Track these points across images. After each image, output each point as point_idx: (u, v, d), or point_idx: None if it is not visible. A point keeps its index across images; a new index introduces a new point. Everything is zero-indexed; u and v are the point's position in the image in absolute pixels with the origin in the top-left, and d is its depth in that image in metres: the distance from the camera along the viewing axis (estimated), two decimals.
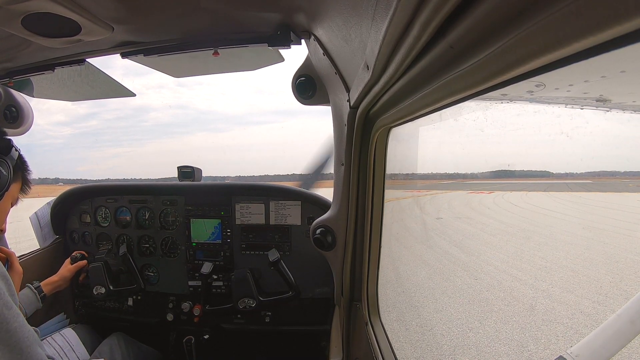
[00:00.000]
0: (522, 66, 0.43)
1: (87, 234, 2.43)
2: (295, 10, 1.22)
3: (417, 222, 11.17)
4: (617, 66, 0.60)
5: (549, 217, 12.95)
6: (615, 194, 17.75)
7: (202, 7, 1.18)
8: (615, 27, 0.30)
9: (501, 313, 4.89)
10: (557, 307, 4.96)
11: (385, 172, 1.46)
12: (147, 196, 2.36)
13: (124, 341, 2.05)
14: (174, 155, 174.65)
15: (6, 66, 1.60)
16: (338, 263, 1.71)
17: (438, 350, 4.12)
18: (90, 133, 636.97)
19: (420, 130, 1.74)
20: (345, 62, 1.19)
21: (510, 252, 7.94)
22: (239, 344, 2.44)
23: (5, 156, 1.31)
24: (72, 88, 1.97)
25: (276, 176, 47.95)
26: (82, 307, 2.40)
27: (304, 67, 1.62)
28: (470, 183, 26.06)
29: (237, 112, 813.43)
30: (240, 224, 2.27)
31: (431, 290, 5.91)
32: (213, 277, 2.24)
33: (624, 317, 1.19)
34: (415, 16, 0.52)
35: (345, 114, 1.40)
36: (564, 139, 12.25)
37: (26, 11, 1.04)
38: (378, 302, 1.68)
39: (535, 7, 0.38)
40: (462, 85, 0.59)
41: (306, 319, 2.24)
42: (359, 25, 0.83)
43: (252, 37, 1.39)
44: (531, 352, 4.00)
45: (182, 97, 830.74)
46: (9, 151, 1.33)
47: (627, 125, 2.36)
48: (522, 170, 25.67)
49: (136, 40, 1.43)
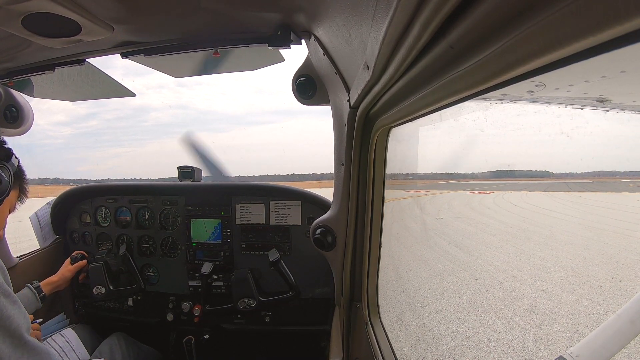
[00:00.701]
0: (522, 66, 0.43)
1: (87, 234, 2.43)
2: (295, 11, 1.22)
3: (417, 222, 11.17)
4: (617, 66, 0.60)
5: (549, 217, 12.95)
6: (615, 194, 17.74)
7: (202, 7, 1.18)
8: (615, 27, 0.30)
9: (501, 313, 4.89)
10: (557, 307, 4.96)
11: (385, 172, 1.46)
12: (147, 196, 2.36)
13: (124, 341, 2.05)
14: (174, 155, 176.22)
15: (6, 66, 1.60)
16: (338, 263, 1.71)
17: (438, 350, 4.12)
18: (90, 133, 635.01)
19: (420, 130, 1.74)
20: (346, 62, 1.19)
21: (510, 252, 7.94)
22: (239, 344, 2.44)
23: (7, 162, 1.35)
24: (72, 88, 1.97)
25: (276, 176, 47.98)
26: (82, 307, 2.40)
27: (304, 67, 1.62)
28: (470, 183, 26.06)
29: (237, 112, 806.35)
30: (241, 224, 2.27)
31: (431, 290, 5.91)
32: (213, 277, 2.24)
33: (624, 317, 1.19)
34: (415, 16, 0.52)
35: (345, 114, 1.40)
36: (564, 139, 12.25)
37: (26, 11, 1.04)
38: (378, 302, 1.68)
39: (535, 7, 0.38)
40: (462, 85, 0.59)
41: (306, 319, 2.24)
42: (359, 25, 0.83)
43: (252, 37, 1.39)
44: (531, 352, 4.00)
45: (182, 97, 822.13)
46: (9, 158, 1.37)
47: (627, 125, 2.36)
48: (522, 170, 25.68)
49: (136, 40, 1.43)
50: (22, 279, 1.89)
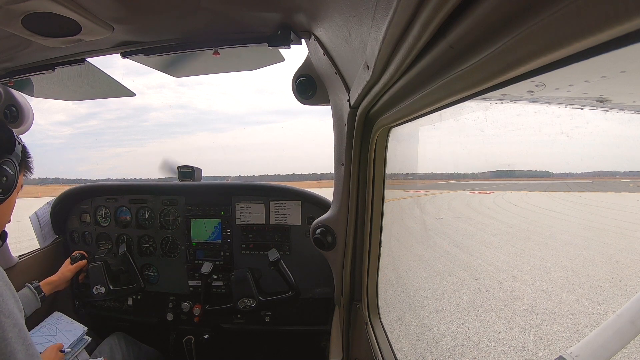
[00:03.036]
0: (522, 66, 0.43)
1: (87, 233, 2.43)
2: (295, 10, 1.22)
3: (417, 222, 11.17)
4: (617, 66, 0.60)
5: (549, 217, 12.96)
6: (615, 194, 17.74)
7: (202, 7, 1.18)
8: (615, 27, 0.30)
9: (501, 313, 4.89)
10: (557, 307, 4.96)
11: (385, 172, 1.46)
12: (147, 196, 2.36)
13: (124, 341, 2.05)
14: (174, 155, 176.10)
15: (6, 66, 1.60)
16: (338, 263, 1.71)
17: (438, 350, 4.12)
18: (90, 133, 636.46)
19: (420, 130, 1.74)
20: (346, 62, 1.19)
21: (510, 252, 7.94)
22: (239, 344, 2.44)
23: (11, 154, 1.27)
24: (73, 88, 1.97)
25: (276, 176, 47.98)
26: (82, 307, 2.40)
27: (304, 67, 1.62)
28: (471, 183, 26.07)
29: (237, 112, 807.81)
30: (240, 224, 2.27)
31: (431, 290, 5.91)
32: (213, 277, 2.24)
33: (624, 317, 1.19)
34: (415, 16, 0.52)
35: (345, 114, 1.40)
36: (564, 139, 12.25)
37: (26, 11, 1.04)
38: (378, 302, 1.68)
39: (535, 7, 0.38)
40: (462, 85, 0.59)
41: (306, 319, 2.24)
42: (359, 25, 0.83)
43: (252, 37, 1.39)
44: (531, 352, 4.00)
45: (183, 97, 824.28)
46: (13, 148, 1.29)
47: (627, 125, 2.36)
48: (522, 170, 25.68)
49: (136, 40, 1.43)
50: (22, 279, 1.89)
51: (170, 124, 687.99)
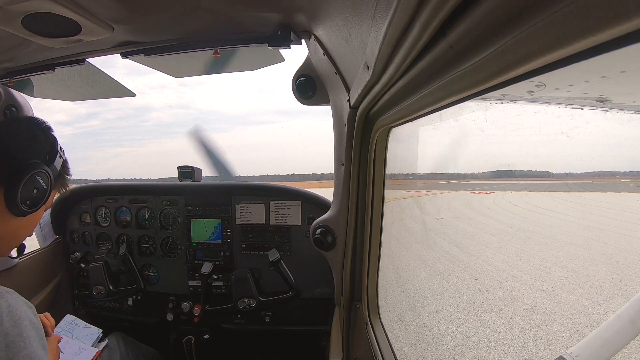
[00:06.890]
0: (522, 66, 0.43)
1: (87, 234, 2.43)
2: (295, 11, 1.22)
3: (417, 222, 11.16)
4: (617, 66, 0.60)
5: (549, 217, 12.95)
6: (615, 194, 17.73)
7: (202, 7, 1.18)
8: (615, 27, 0.30)
9: (501, 313, 4.89)
10: (557, 307, 4.96)
11: (385, 172, 1.46)
12: (147, 196, 2.36)
13: (124, 341, 2.04)
14: (174, 155, 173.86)
15: (6, 66, 1.60)
16: (338, 263, 1.71)
17: (438, 350, 4.12)
18: (91, 133, 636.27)
19: (420, 130, 1.74)
20: (346, 62, 1.19)
21: (510, 252, 7.93)
22: (239, 344, 2.44)
23: (49, 166, 1.13)
24: (73, 88, 1.97)
25: (276, 176, 48.03)
26: (82, 307, 2.40)
27: (304, 67, 1.62)
28: (470, 183, 26.07)
29: (238, 112, 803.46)
30: (241, 224, 2.27)
31: (431, 290, 5.91)
32: (213, 277, 2.24)
33: (624, 317, 1.19)
34: (415, 16, 0.52)
35: (345, 114, 1.40)
36: (564, 139, 12.26)
37: (26, 11, 1.04)
38: (378, 302, 1.68)
39: (535, 7, 0.38)
40: (462, 85, 0.59)
41: (306, 319, 2.24)
42: (359, 26, 0.83)
43: (252, 37, 1.39)
44: (531, 352, 4.00)
45: (184, 96, 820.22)
46: (53, 159, 1.15)
47: (627, 125, 2.36)
48: (522, 170, 25.69)
49: (136, 40, 1.43)
50: (22, 279, 1.89)
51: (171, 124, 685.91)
